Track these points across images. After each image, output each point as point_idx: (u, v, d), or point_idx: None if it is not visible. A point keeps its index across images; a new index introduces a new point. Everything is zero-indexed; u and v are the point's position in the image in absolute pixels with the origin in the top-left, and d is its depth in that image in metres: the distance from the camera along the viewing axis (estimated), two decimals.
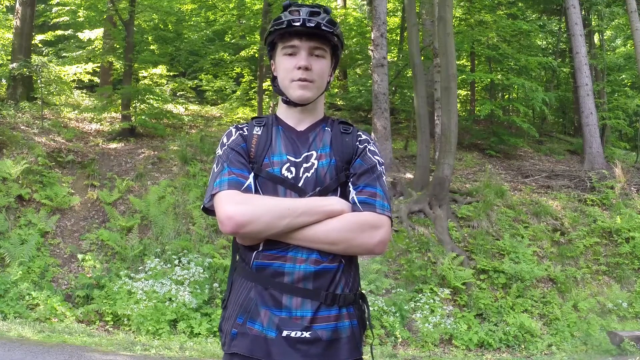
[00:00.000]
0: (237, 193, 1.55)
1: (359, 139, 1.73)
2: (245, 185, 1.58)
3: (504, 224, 9.15)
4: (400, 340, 6.79)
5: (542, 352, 7.00)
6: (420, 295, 7.43)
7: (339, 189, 1.64)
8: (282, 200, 1.56)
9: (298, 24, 1.60)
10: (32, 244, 7.06)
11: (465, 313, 7.37)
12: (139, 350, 5.53)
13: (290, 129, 1.70)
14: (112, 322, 6.37)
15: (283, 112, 1.74)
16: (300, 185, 1.60)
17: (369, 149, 1.71)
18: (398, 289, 7.41)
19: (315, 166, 1.63)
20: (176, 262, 7.18)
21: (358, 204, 1.59)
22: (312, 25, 1.60)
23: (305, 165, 1.63)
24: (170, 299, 6.53)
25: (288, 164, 1.62)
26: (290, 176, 1.60)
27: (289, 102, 1.70)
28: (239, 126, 1.74)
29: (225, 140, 1.70)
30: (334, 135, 1.71)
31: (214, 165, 1.68)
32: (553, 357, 6.87)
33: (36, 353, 4.95)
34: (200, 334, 6.22)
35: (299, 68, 1.63)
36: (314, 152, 1.65)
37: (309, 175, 1.62)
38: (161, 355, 5.45)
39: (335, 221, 1.55)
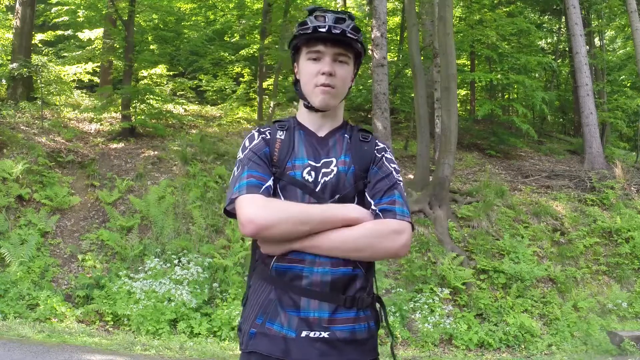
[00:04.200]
0: (258, 197, 1.57)
1: (377, 147, 1.75)
2: (265, 186, 1.60)
3: (504, 224, 9.15)
4: (400, 340, 6.79)
5: (542, 352, 7.00)
6: (420, 295, 7.43)
7: (356, 197, 1.67)
8: (303, 205, 1.58)
9: (324, 30, 1.63)
10: (32, 244, 7.06)
11: (465, 313, 7.37)
12: (139, 350, 5.53)
13: (312, 134, 1.73)
14: (112, 322, 6.37)
15: (304, 116, 1.77)
16: (317, 190, 1.63)
17: (385, 157, 1.74)
18: (398, 289, 7.42)
19: (335, 172, 1.66)
20: (176, 262, 7.18)
21: (379, 213, 1.63)
22: (338, 32, 1.64)
23: (324, 170, 1.66)
24: (169, 298, 6.53)
25: (309, 168, 1.65)
26: (310, 179, 1.63)
27: (310, 107, 1.72)
28: (262, 130, 1.75)
29: (247, 143, 1.72)
30: (353, 142, 1.74)
31: (235, 169, 1.70)
32: (553, 357, 6.87)
33: (36, 353, 4.94)
34: (200, 334, 6.22)
35: (323, 73, 1.66)
36: (333, 159, 1.68)
37: (327, 179, 1.64)
38: (161, 355, 5.45)
39: (360, 229, 1.57)
